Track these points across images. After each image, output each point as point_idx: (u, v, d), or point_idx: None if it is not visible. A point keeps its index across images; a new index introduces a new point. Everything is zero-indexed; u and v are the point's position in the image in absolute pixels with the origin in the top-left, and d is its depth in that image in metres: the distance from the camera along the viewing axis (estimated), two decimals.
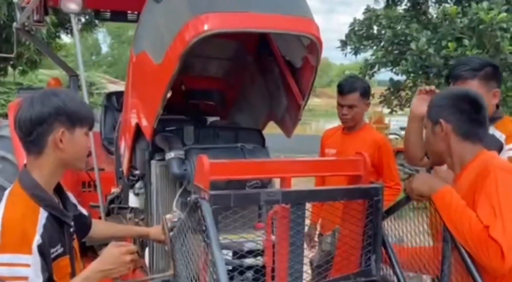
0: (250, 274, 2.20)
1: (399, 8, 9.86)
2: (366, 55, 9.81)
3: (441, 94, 2.19)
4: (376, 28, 9.42)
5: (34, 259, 1.65)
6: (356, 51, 9.63)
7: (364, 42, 9.48)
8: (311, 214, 3.16)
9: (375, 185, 2.09)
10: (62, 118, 1.76)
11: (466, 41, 7.40)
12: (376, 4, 10.08)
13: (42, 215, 1.73)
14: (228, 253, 2.17)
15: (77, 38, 3.65)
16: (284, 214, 1.94)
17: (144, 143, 2.63)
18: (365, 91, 3.31)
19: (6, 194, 1.77)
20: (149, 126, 2.43)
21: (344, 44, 9.88)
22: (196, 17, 2.09)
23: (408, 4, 9.78)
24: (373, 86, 3.63)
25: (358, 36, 9.58)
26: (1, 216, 1.68)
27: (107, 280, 1.87)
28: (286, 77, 2.71)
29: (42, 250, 1.67)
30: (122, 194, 3.23)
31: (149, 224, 2.66)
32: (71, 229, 1.88)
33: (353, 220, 2.10)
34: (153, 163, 2.58)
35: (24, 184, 1.77)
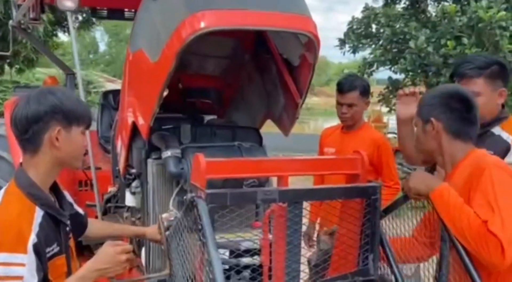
0: (247, 274, 2.19)
1: (397, 6, 9.86)
2: (364, 53, 9.84)
3: (431, 92, 2.17)
4: (375, 26, 9.42)
5: (29, 258, 1.64)
6: (355, 50, 9.63)
7: (363, 40, 9.48)
8: (309, 213, 3.16)
9: (373, 184, 2.08)
10: (59, 117, 1.75)
11: (465, 40, 7.40)
12: (375, 2, 10.09)
13: (38, 214, 1.72)
14: (225, 252, 2.17)
15: (74, 36, 3.64)
16: (281, 213, 1.93)
17: (141, 142, 2.62)
18: (364, 90, 3.30)
19: (1, 193, 1.77)
20: (145, 124, 2.42)
21: (342, 43, 9.88)
22: (192, 15, 2.08)
23: (407, 3, 9.78)
24: (372, 85, 3.62)
25: (357, 34, 9.58)
26: None
27: (103, 279, 1.87)
28: (284, 75, 2.70)
29: (38, 249, 1.66)
30: (118, 193, 3.22)
31: (145, 223, 2.65)
32: (67, 228, 1.87)
33: (351, 219, 2.09)
34: (150, 161, 2.57)
35: (20, 182, 1.76)
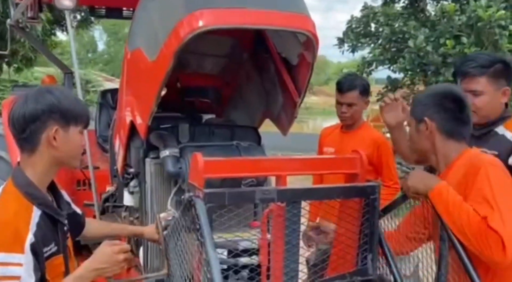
0: (245, 273, 2.19)
1: (397, 5, 9.84)
2: (363, 53, 9.81)
3: (425, 92, 2.18)
4: (374, 25, 9.39)
5: (26, 258, 1.63)
6: (354, 49, 9.61)
7: (362, 39, 9.46)
8: (309, 212, 3.15)
9: (372, 183, 2.07)
10: (56, 116, 1.74)
11: (464, 39, 7.38)
12: (374, 1, 10.04)
13: (35, 213, 1.71)
14: (223, 252, 2.16)
15: (72, 35, 3.63)
16: (280, 212, 1.93)
17: (139, 141, 2.61)
18: (364, 89, 3.29)
19: None
20: (143, 124, 2.41)
21: (341, 42, 9.85)
22: (190, 14, 2.07)
23: (406, 2, 9.75)
24: (371, 84, 3.60)
25: (356, 33, 9.56)
26: None
27: (100, 279, 1.86)
28: (282, 74, 2.69)
29: (35, 249, 1.66)
30: (116, 192, 3.21)
31: (143, 223, 2.64)
32: (65, 228, 1.87)
33: (349, 218, 2.09)
34: (148, 161, 2.56)
35: (17, 182, 1.75)
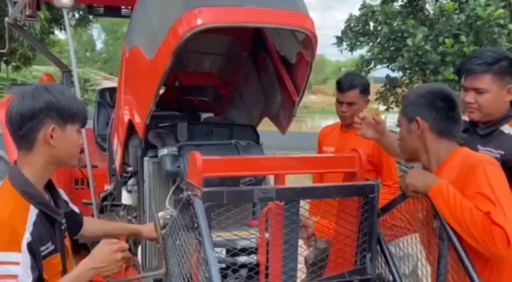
0: (243, 272, 2.18)
1: (395, 4, 9.80)
2: (362, 51, 9.80)
3: (415, 92, 2.18)
4: (373, 24, 9.38)
5: (23, 257, 1.62)
6: (352, 48, 9.59)
7: (360, 38, 9.45)
8: (308, 212, 3.15)
9: (370, 182, 2.06)
10: (53, 114, 1.73)
11: (463, 38, 7.39)
12: (373, 0, 10.05)
13: (32, 212, 1.70)
14: (222, 251, 2.15)
15: (70, 34, 3.62)
16: (278, 211, 1.92)
17: (137, 140, 2.61)
18: (364, 88, 3.28)
19: None
20: (141, 122, 2.41)
21: (340, 41, 9.83)
22: (189, 12, 2.06)
23: (405, 0, 9.74)
24: (369, 83, 3.60)
25: (354, 32, 9.54)
26: None
27: (98, 278, 1.85)
28: (281, 73, 2.68)
29: (32, 248, 1.65)
30: (115, 191, 3.20)
31: (142, 221, 2.64)
32: (62, 227, 1.86)
33: (348, 217, 2.08)
34: (146, 159, 2.55)
35: (13, 180, 1.74)
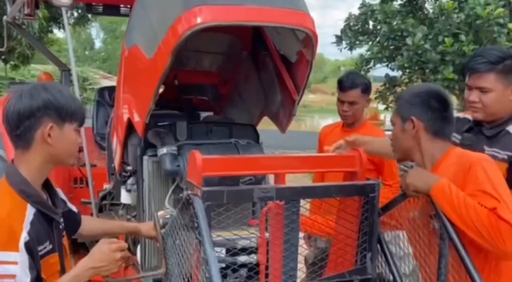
0: (243, 272, 2.18)
1: (395, 3, 9.79)
2: (361, 50, 9.79)
3: (410, 91, 2.19)
4: (372, 23, 9.37)
5: (21, 256, 1.61)
6: (352, 47, 9.59)
7: (360, 37, 9.44)
8: (309, 211, 3.14)
9: (371, 182, 2.05)
10: (51, 113, 1.72)
11: (462, 37, 7.38)
12: None
13: (30, 212, 1.69)
14: (222, 250, 2.15)
15: (68, 32, 3.60)
16: (278, 210, 1.92)
17: (136, 139, 2.60)
18: (366, 87, 3.27)
19: None
20: (141, 121, 2.40)
21: (339, 40, 9.83)
22: (189, 10, 2.05)
23: None
24: None
25: (354, 31, 9.54)
26: None
27: (97, 278, 1.84)
28: (281, 72, 2.68)
29: (29, 248, 1.64)
30: (114, 190, 3.19)
31: (141, 221, 2.62)
32: (60, 226, 1.84)
33: (348, 217, 2.07)
34: (145, 158, 2.54)
35: (11, 179, 1.73)
